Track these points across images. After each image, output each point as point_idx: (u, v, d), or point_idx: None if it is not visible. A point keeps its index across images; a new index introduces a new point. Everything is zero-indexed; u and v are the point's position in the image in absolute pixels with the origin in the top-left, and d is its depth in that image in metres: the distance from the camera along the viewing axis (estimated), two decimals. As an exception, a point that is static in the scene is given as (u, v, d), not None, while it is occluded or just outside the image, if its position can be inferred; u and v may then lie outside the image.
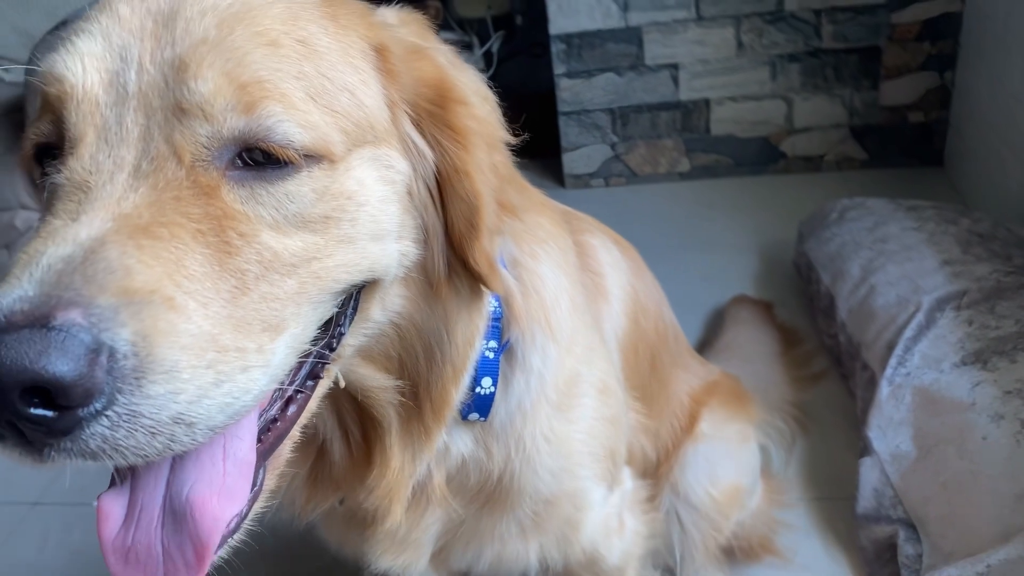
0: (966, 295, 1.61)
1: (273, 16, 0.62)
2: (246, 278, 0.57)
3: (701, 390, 1.33)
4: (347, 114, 0.63)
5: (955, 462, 1.36)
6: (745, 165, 2.71)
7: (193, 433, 0.52)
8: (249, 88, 0.57)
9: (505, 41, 2.96)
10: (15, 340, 0.46)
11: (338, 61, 0.64)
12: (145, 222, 0.54)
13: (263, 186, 0.59)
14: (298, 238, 0.60)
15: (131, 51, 0.59)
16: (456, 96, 0.69)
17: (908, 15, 2.43)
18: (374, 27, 0.69)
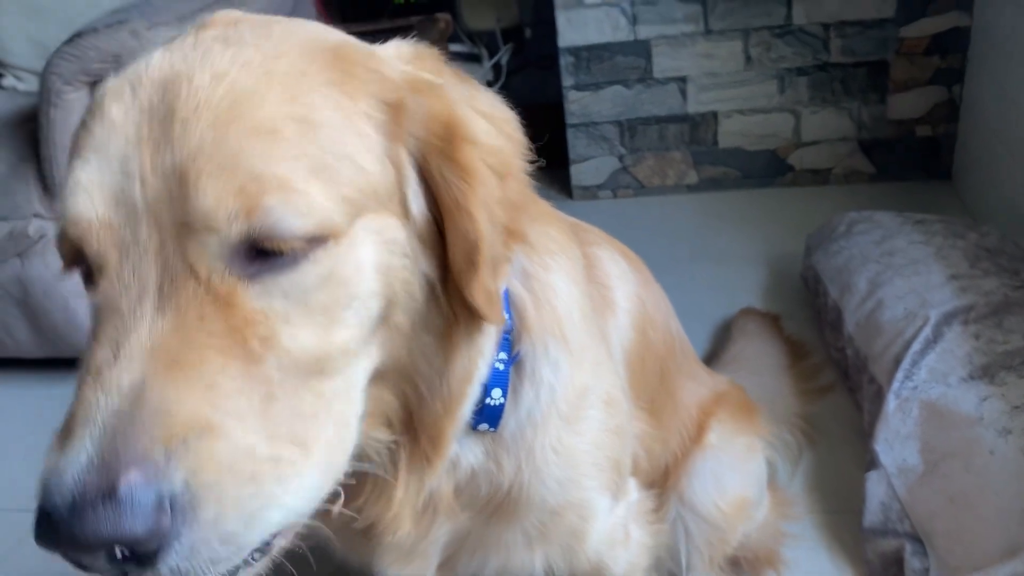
0: (973, 309, 1.61)
1: (271, 100, 0.60)
2: (272, 385, 0.59)
3: (709, 400, 1.33)
4: (350, 183, 0.62)
5: (962, 476, 1.36)
6: (753, 178, 2.72)
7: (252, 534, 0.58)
8: (247, 190, 0.57)
9: (514, 53, 2.98)
10: (94, 518, 0.51)
11: (341, 130, 0.63)
12: (175, 352, 0.56)
13: (273, 279, 0.60)
14: (308, 332, 0.61)
15: (131, 163, 0.59)
16: (464, 134, 0.68)
17: (916, 29, 2.44)
18: (386, 83, 0.67)
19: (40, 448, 1.09)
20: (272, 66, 0.62)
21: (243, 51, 0.62)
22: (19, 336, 2.12)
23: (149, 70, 0.62)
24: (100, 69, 1.84)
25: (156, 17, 1.88)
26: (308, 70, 0.63)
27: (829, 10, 2.45)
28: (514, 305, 0.85)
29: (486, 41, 2.98)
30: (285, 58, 0.63)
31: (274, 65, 0.62)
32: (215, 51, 0.62)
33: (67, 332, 2.07)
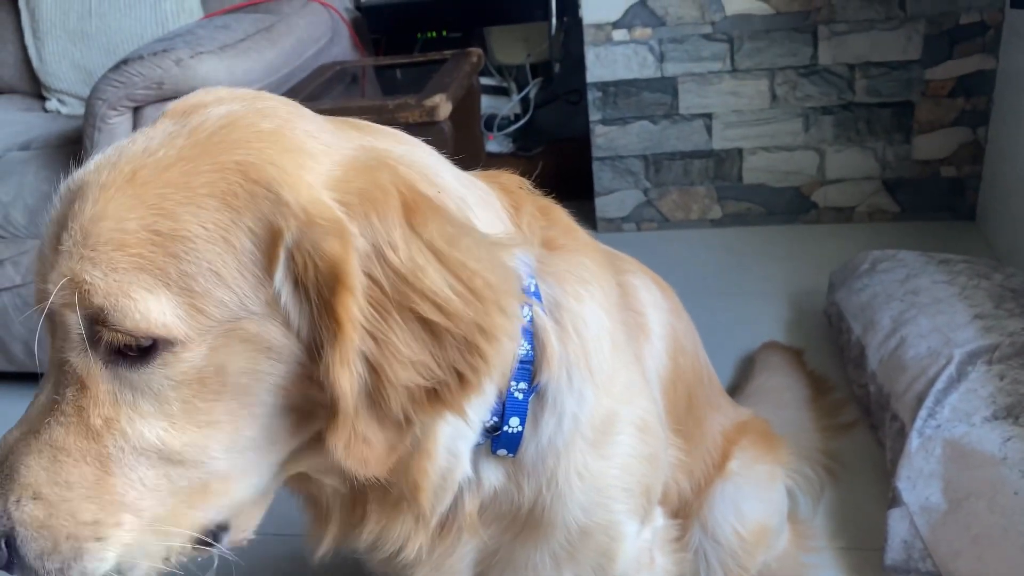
0: (998, 349, 1.62)
1: (133, 216, 0.64)
2: (110, 463, 0.68)
3: (733, 429, 1.34)
4: (206, 293, 0.64)
5: (986, 516, 1.36)
6: (777, 214, 2.74)
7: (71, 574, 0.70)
8: (81, 289, 0.64)
9: (542, 87, 3.04)
10: None
11: (208, 244, 0.64)
12: (36, 424, 0.69)
13: (122, 369, 0.67)
14: (156, 424, 0.68)
15: (47, 265, 0.68)
16: (345, 282, 0.65)
17: (942, 71, 2.46)
18: (279, 204, 0.65)
19: None
20: (155, 177, 0.65)
21: (143, 159, 0.67)
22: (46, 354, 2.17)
23: (75, 176, 0.71)
24: (144, 95, 1.90)
25: (200, 47, 1.94)
26: (194, 183, 0.65)
27: (855, 51, 2.48)
28: (536, 334, 0.86)
29: (515, 75, 3.03)
30: (175, 169, 0.66)
31: (159, 177, 0.65)
32: (125, 157, 0.68)
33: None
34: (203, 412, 0.67)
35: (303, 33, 2.31)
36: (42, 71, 2.71)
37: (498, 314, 0.68)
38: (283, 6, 2.35)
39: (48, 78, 2.71)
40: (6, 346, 2.21)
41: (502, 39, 2.92)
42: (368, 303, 0.65)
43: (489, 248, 0.71)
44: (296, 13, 2.34)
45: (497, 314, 0.68)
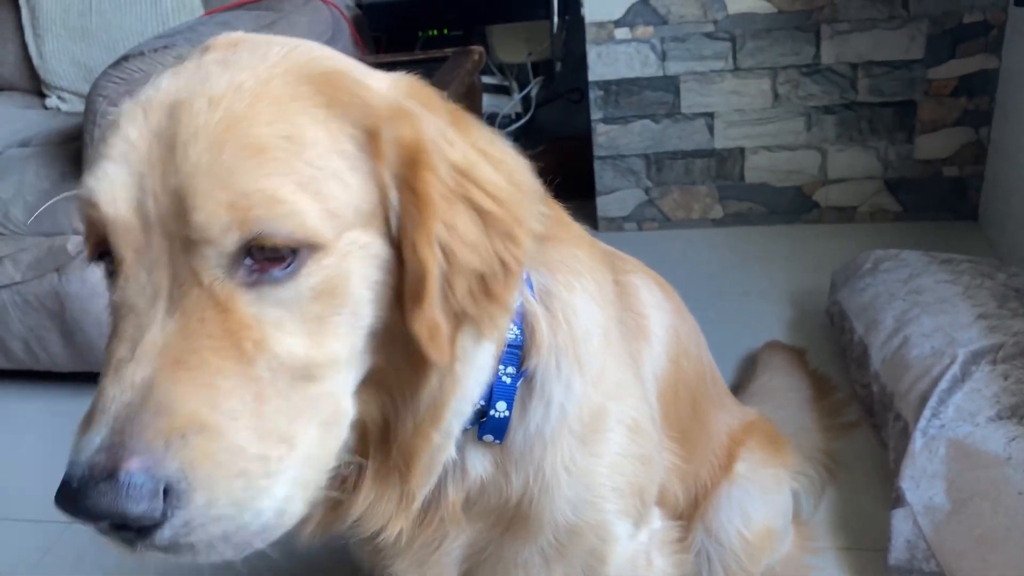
0: (1002, 349, 1.61)
1: (261, 120, 0.65)
2: (263, 385, 0.65)
3: (739, 429, 1.34)
4: (335, 199, 0.66)
5: (990, 517, 1.36)
6: (778, 213, 2.73)
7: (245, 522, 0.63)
8: (238, 204, 0.62)
9: (544, 86, 3.03)
10: (98, 493, 0.59)
11: (327, 149, 0.66)
12: (179, 353, 0.63)
13: (267, 287, 0.65)
14: (298, 340, 0.66)
15: (147, 181, 0.65)
16: (426, 161, 0.69)
17: (944, 71, 2.46)
18: (367, 109, 0.69)
19: None
20: (263, 89, 0.66)
21: (238, 74, 0.67)
22: (53, 349, 2.17)
23: (158, 95, 0.67)
24: (145, 92, 1.90)
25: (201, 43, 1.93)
26: (297, 92, 0.67)
27: (857, 50, 2.47)
28: (526, 320, 0.86)
29: (516, 74, 3.02)
30: (276, 81, 0.67)
31: (265, 88, 0.66)
32: (213, 75, 0.67)
33: (100, 347, 2.10)
34: (333, 325, 0.68)
35: (304, 30, 2.30)
36: (42, 68, 2.71)
37: (531, 210, 0.75)
38: (284, 4, 2.34)
39: (48, 75, 2.70)
40: (5, 344, 2.20)
41: (503, 37, 2.91)
42: (438, 191, 0.70)
43: (517, 154, 0.78)
44: (297, 10, 2.33)
45: (530, 210, 0.75)
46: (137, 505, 0.59)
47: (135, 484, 0.59)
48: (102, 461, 0.59)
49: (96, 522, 0.61)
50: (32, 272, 2.07)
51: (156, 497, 0.59)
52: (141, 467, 0.59)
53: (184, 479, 0.60)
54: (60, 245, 2.04)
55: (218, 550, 0.63)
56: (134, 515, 0.59)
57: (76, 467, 0.60)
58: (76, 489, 0.59)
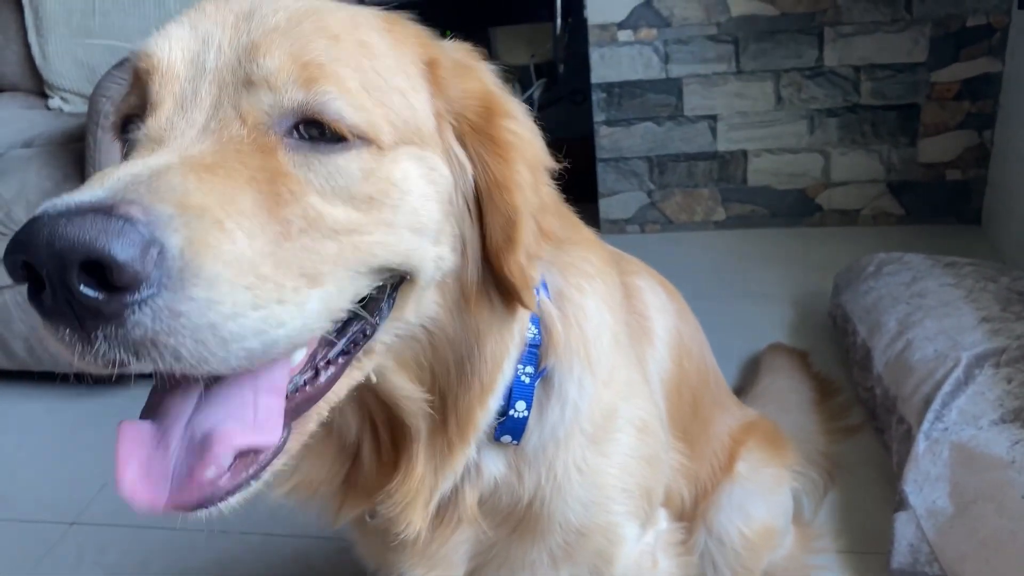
0: (1005, 352, 1.60)
1: (337, 18, 0.69)
2: (291, 228, 0.61)
3: (739, 429, 1.34)
4: (397, 111, 0.69)
5: (994, 520, 1.35)
6: (781, 216, 2.73)
7: (227, 350, 0.55)
8: (309, 67, 0.65)
9: (546, 88, 3.03)
10: (80, 220, 0.51)
11: (392, 65, 0.70)
12: (207, 162, 0.59)
13: (316, 156, 0.65)
14: (342, 210, 0.65)
15: (212, 37, 0.67)
16: (501, 110, 0.73)
17: (947, 74, 2.46)
18: (426, 44, 0.75)
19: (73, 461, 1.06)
20: (341, 5, 0.71)
21: None
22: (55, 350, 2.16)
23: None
24: (148, 92, 1.90)
25: (203, 44, 1.93)
26: (367, 15, 0.72)
27: (860, 53, 2.47)
28: (543, 321, 0.87)
29: (519, 76, 3.02)
30: (350, 7, 0.72)
31: (342, 5, 0.71)
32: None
33: (101, 347, 2.10)
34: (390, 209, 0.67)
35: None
36: (45, 69, 2.71)
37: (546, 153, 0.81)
38: (287, 5, 2.34)
39: (51, 76, 2.71)
40: (7, 344, 2.20)
41: (506, 39, 2.91)
42: None
43: None
44: (300, 12, 2.33)
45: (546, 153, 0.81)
46: (126, 249, 0.50)
47: (131, 224, 0.51)
48: (93, 204, 0.52)
49: (63, 264, 0.50)
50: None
51: (148, 252, 0.51)
52: (141, 215, 0.52)
53: (182, 257, 0.53)
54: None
55: (180, 357, 0.53)
56: (119, 259, 0.50)
57: (54, 205, 0.52)
58: (52, 217, 0.51)
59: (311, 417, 0.70)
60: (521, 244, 0.73)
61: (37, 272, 0.51)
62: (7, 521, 1.87)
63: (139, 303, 0.52)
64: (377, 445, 0.85)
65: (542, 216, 0.77)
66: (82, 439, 2.08)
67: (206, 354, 0.54)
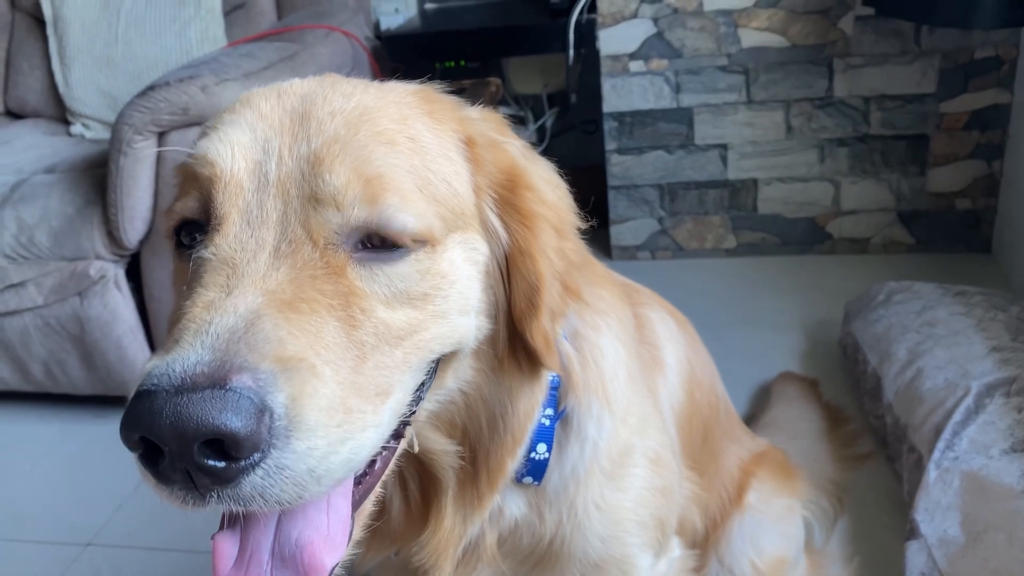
0: (1015, 382, 1.61)
1: (389, 117, 0.71)
2: (365, 348, 0.65)
3: (750, 460, 1.35)
4: (445, 202, 0.72)
5: (1005, 550, 1.35)
6: (791, 244, 2.74)
7: (321, 484, 0.60)
8: (372, 182, 0.67)
9: (558, 117, 3.07)
10: (200, 399, 0.53)
11: (438, 155, 0.73)
12: (289, 297, 0.61)
13: (380, 267, 0.68)
14: (402, 313, 0.68)
15: (272, 144, 0.68)
16: (525, 182, 0.77)
17: (956, 105, 2.48)
18: (463, 121, 0.78)
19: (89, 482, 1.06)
20: (385, 97, 0.74)
21: (359, 85, 0.75)
22: (72, 373, 2.19)
23: (291, 86, 0.74)
24: (170, 120, 1.94)
25: (225, 74, 1.98)
26: (409, 103, 0.75)
27: (870, 84, 2.50)
28: (561, 363, 0.88)
29: (532, 105, 3.07)
30: (392, 94, 0.75)
31: (386, 96, 0.74)
32: (340, 83, 0.75)
33: (119, 371, 2.13)
34: (441, 299, 0.71)
35: (325, 62, 2.35)
36: (68, 96, 2.77)
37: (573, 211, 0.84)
38: (306, 35, 2.39)
39: (73, 103, 2.76)
40: (25, 366, 2.23)
41: (520, 69, 2.96)
42: None
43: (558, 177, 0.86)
44: (319, 42, 2.38)
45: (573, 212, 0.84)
46: (246, 421, 0.53)
47: (245, 397, 0.54)
48: (204, 371, 0.55)
49: (183, 442, 0.53)
50: (55, 296, 2.11)
51: (261, 420, 0.54)
52: (251, 383, 0.55)
53: (287, 415, 0.56)
54: (83, 270, 2.08)
55: (284, 502, 0.58)
56: (241, 432, 0.53)
57: (166, 375, 0.54)
58: (169, 394, 0.53)
59: (370, 500, 0.74)
60: (543, 310, 0.76)
61: (154, 443, 0.54)
62: (23, 542, 1.89)
63: (253, 467, 0.56)
64: (406, 496, 0.87)
65: (568, 275, 0.80)
66: (98, 460, 2.10)
67: (303, 493, 0.58)
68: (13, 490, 2.08)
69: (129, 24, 2.64)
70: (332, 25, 2.50)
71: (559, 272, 0.79)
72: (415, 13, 3.08)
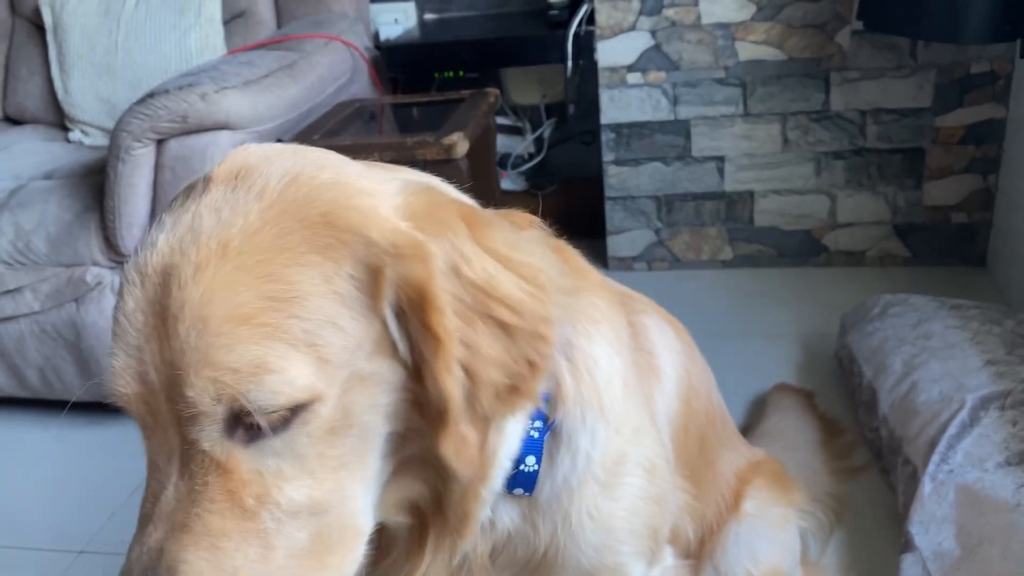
0: (1010, 395, 1.62)
1: (245, 287, 0.64)
2: (269, 536, 0.68)
3: (746, 469, 1.35)
4: (331, 345, 0.66)
5: (1000, 564, 1.35)
6: (787, 256, 2.75)
7: None
8: (223, 379, 0.63)
9: (556, 128, 3.08)
10: None
11: (321, 298, 0.66)
12: (184, 518, 0.67)
13: (266, 442, 0.67)
14: (303, 483, 0.69)
15: (144, 353, 0.67)
16: (434, 303, 0.68)
17: (952, 119, 2.49)
18: (370, 245, 0.68)
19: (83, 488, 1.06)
20: (250, 244, 0.65)
21: (227, 229, 0.66)
22: (68, 379, 2.19)
23: (153, 258, 0.68)
24: (169, 128, 1.95)
25: (224, 82, 1.98)
26: (287, 243, 0.66)
27: (866, 98, 2.51)
28: (551, 374, 0.87)
29: (530, 115, 3.08)
30: (266, 231, 0.66)
31: (252, 243, 0.66)
32: (204, 229, 0.67)
33: (114, 377, 2.12)
34: (335, 457, 0.69)
35: (324, 71, 2.36)
36: (67, 103, 2.77)
37: (555, 302, 0.75)
38: (306, 44, 2.40)
39: (72, 109, 2.77)
40: (20, 373, 2.23)
41: (518, 80, 2.97)
42: (455, 315, 0.69)
43: (538, 244, 0.78)
44: (318, 51, 2.39)
45: (554, 302, 0.74)
46: None
47: None
48: None
49: None
50: (51, 302, 2.10)
51: None
52: None
53: None
54: (79, 276, 2.08)
55: None
56: None
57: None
58: None
59: None
60: (452, 426, 0.70)
61: None
62: (16, 549, 1.88)
63: None
64: None
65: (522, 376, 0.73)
66: (93, 467, 2.10)
67: None
68: (6, 496, 2.07)
69: (129, 32, 2.65)
70: (332, 35, 2.51)
71: (498, 381, 0.72)
72: (415, 23, 3.09)
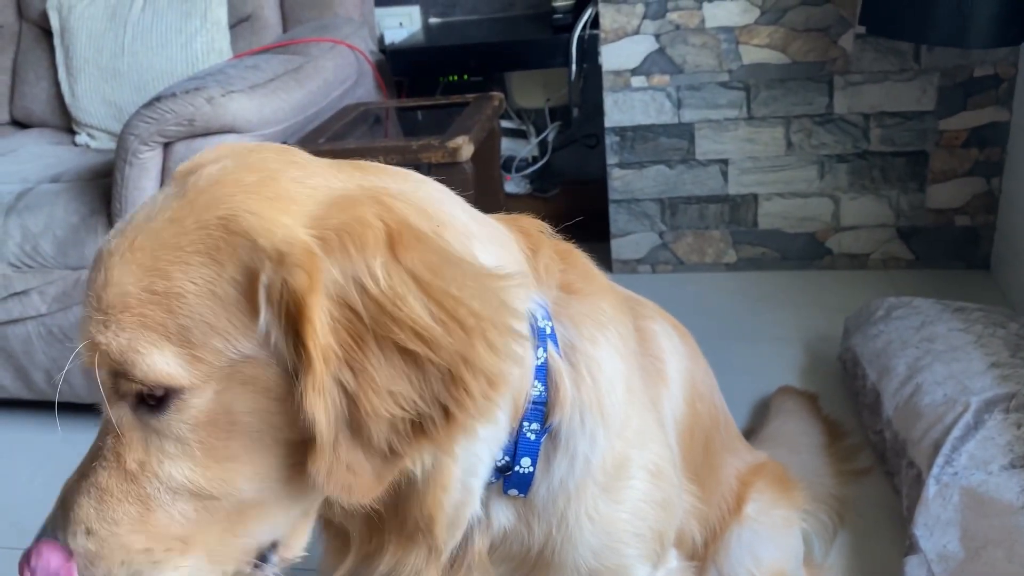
0: (1014, 398, 1.62)
1: (131, 280, 0.70)
2: (150, 501, 0.74)
3: (748, 472, 1.35)
4: (204, 343, 0.69)
5: (1004, 566, 1.35)
6: (791, 259, 2.76)
7: None
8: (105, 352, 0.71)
9: (560, 131, 3.09)
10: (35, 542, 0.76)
11: (199, 297, 0.69)
12: (86, 468, 0.76)
13: (149, 419, 0.73)
14: (183, 464, 0.73)
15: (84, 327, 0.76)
16: (307, 313, 0.66)
17: (956, 122, 2.50)
18: (256, 250, 0.68)
19: None
20: (153, 240, 0.71)
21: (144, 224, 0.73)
22: (74, 381, 2.20)
23: (105, 242, 0.76)
24: (175, 131, 1.95)
25: (230, 86, 1.99)
26: (183, 241, 0.70)
27: (870, 101, 2.52)
28: (550, 376, 0.87)
29: (534, 119, 3.09)
30: (167, 231, 0.71)
31: (155, 238, 0.71)
32: (131, 224, 0.74)
33: (120, 379, 2.13)
34: (220, 449, 0.72)
35: (330, 75, 2.37)
36: (74, 106, 2.79)
37: (483, 346, 0.68)
38: (311, 48, 2.41)
39: (79, 113, 2.78)
40: (28, 375, 2.24)
41: (522, 84, 2.98)
42: (345, 332, 0.66)
43: (480, 278, 0.71)
44: (324, 55, 2.40)
45: (482, 346, 0.68)
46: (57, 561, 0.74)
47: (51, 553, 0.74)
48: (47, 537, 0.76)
49: None
50: (58, 304, 2.12)
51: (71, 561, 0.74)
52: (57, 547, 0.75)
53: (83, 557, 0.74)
54: (86, 278, 2.09)
55: None
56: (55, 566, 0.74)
57: None
58: None
59: None
60: (320, 451, 0.69)
61: None
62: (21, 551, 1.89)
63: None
64: None
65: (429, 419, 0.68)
66: (98, 470, 2.10)
67: None
68: (13, 498, 2.08)
69: (136, 36, 2.66)
70: (337, 39, 2.52)
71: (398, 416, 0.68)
72: (419, 27, 3.11)
